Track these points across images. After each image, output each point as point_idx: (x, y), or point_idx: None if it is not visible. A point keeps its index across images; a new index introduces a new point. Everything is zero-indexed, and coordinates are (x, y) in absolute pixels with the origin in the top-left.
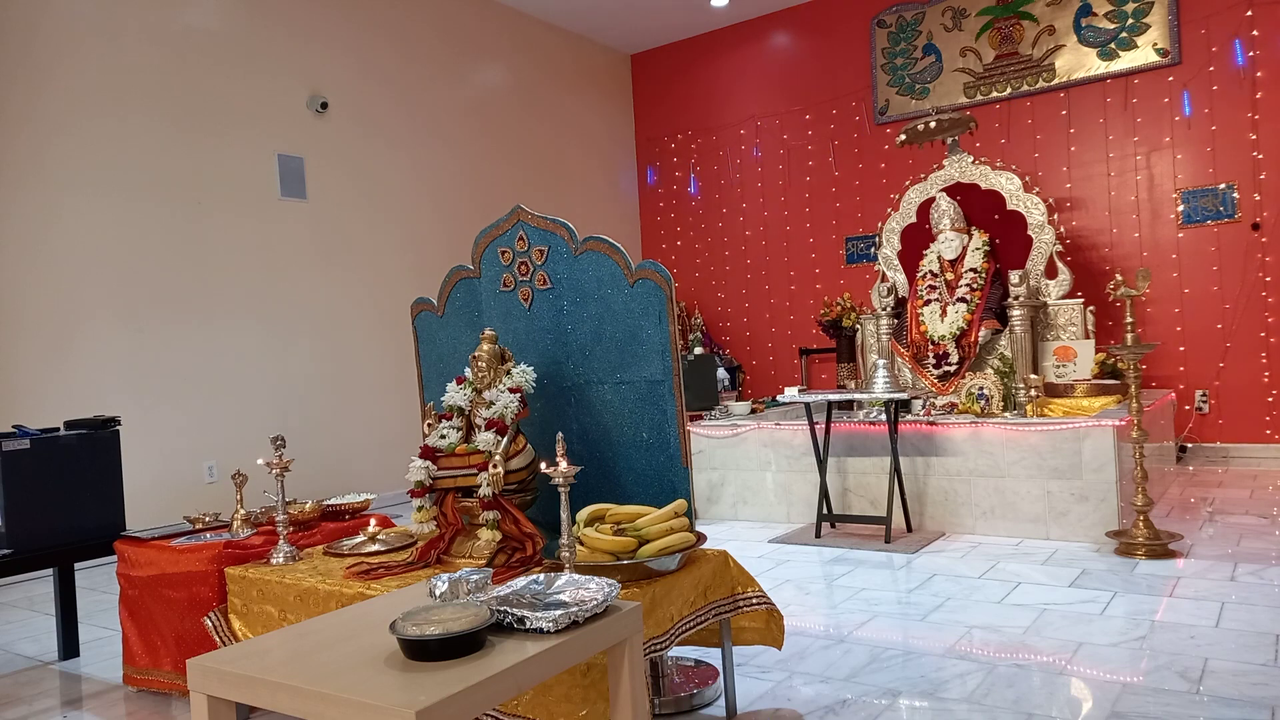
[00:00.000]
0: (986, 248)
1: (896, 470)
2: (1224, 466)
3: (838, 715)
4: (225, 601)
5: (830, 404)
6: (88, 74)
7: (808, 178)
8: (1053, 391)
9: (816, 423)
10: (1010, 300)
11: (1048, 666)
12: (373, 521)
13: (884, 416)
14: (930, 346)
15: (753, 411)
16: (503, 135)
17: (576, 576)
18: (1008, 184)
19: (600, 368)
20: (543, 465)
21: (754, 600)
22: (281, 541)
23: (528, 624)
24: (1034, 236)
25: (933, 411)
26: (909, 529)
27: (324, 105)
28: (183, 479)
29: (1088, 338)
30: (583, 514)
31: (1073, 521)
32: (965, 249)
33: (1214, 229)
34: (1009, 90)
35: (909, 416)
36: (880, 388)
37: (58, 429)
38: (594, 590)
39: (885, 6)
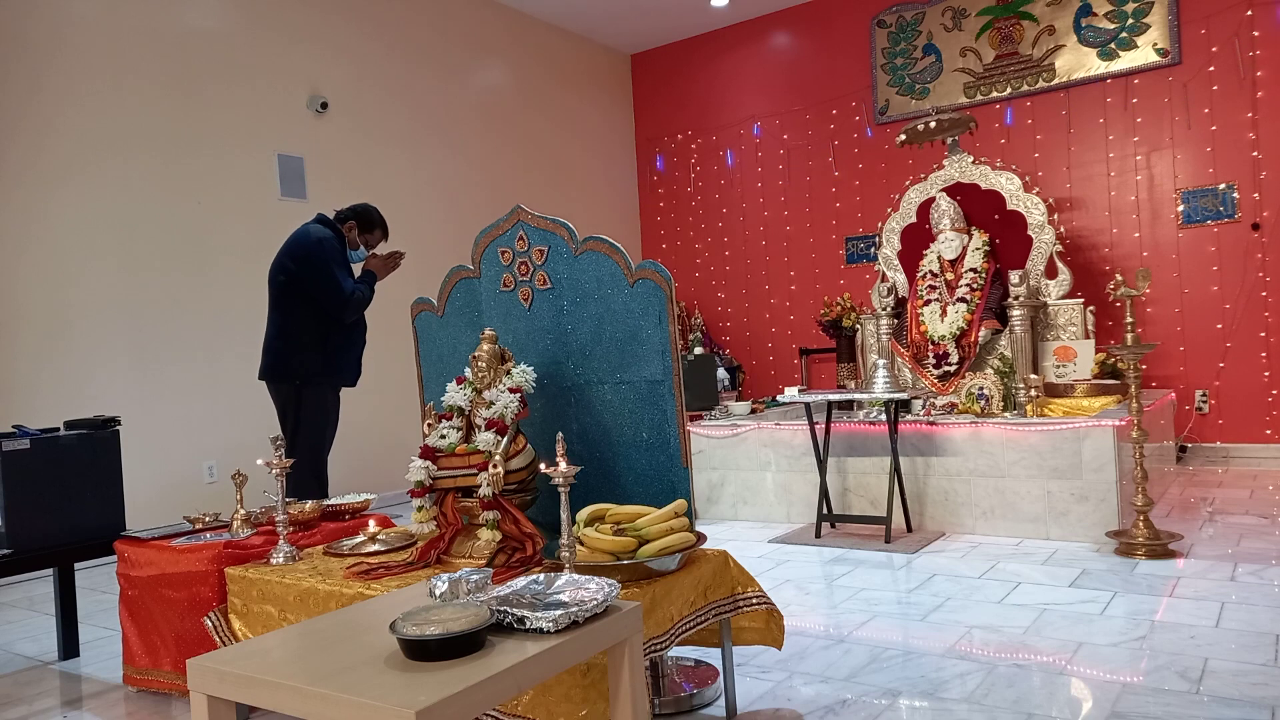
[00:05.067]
0: (986, 248)
1: (896, 470)
2: (1224, 466)
3: (838, 715)
4: (225, 601)
5: (830, 404)
6: (87, 73)
7: (808, 178)
8: (1053, 391)
9: (816, 423)
10: (1010, 300)
11: (1048, 666)
12: (372, 522)
13: (884, 416)
14: (930, 346)
15: (753, 411)
16: (502, 135)
17: (576, 576)
18: (1008, 184)
19: (600, 368)
20: (543, 465)
21: (754, 600)
22: (281, 541)
23: (528, 624)
24: (1034, 236)
25: (933, 411)
26: (909, 529)
27: (324, 105)
28: (183, 479)
29: (1088, 338)
30: (583, 514)
31: (1073, 521)
32: (965, 249)
33: (1214, 229)
34: (1009, 90)
35: (909, 416)
36: (880, 388)
37: (58, 429)
38: (594, 590)
39: (885, 6)
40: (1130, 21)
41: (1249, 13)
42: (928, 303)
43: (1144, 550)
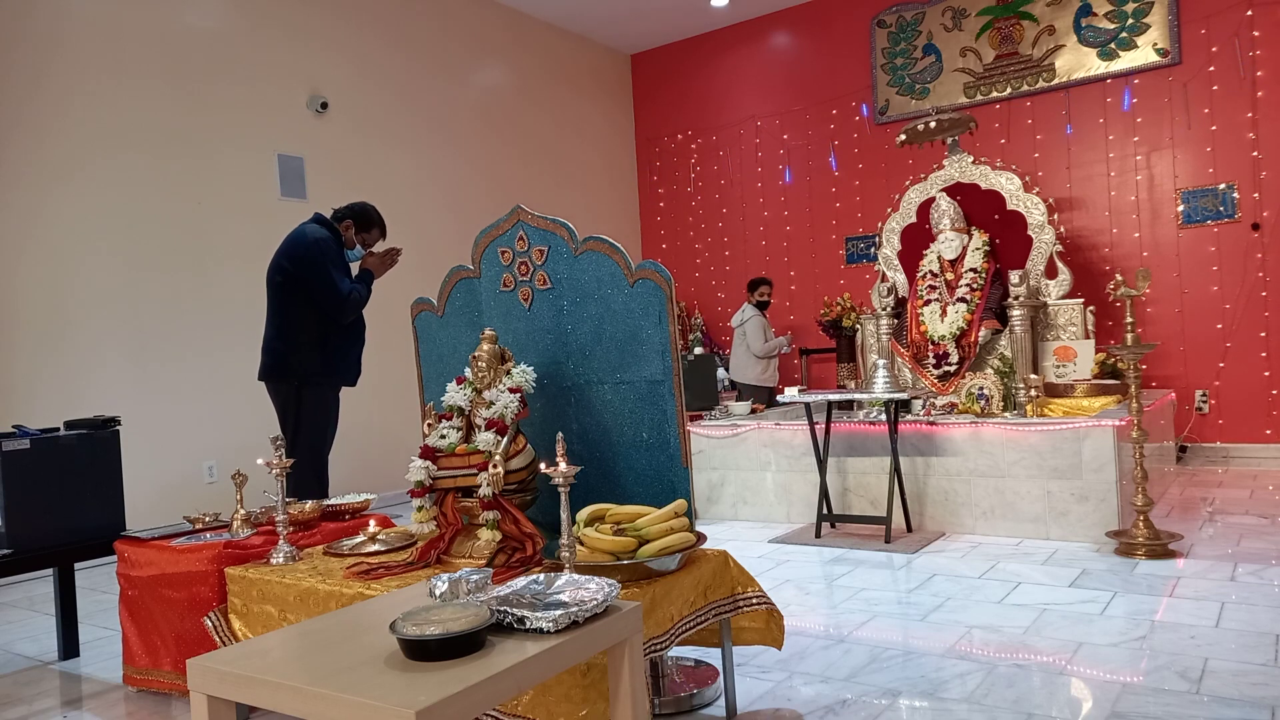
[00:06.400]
0: (986, 248)
1: (896, 470)
2: (1224, 466)
3: (838, 715)
4: (225, 601)
5: (830, 404)
6: (87, 72)
7: (808, 178)
8: (1053, 391)
9: (816, 423)
10: (1010, 300)
11: (1048, 666)
12: (372, 522)
13: (884, 416)
14: (930, 346)
15: (753, 411)
16: (502, 136)
17: (576, 576)
18: (1008, 184)
19: (600, 368)
20: (543, 465)
21: (754, 600)
22: (281, 541)
23: (528, 624)
24: (1034, 236)
25: (933, 411)
26: (909, 529)
27: (324, 105)
28: (183, 479)
29: (1088, 338)
30: (583, 514)
31: (1073, 521)
32: (965, 249)
33: (1214, 229)
34: (1009, 90)
35: (909, 416)
36: (880, 388)
37: (58, 429)
38: (594, 590)
39: (885, 6)
40: (1130, 21)
41: (1249, 13)
42: (928, 303)
43: (1144, 550)
